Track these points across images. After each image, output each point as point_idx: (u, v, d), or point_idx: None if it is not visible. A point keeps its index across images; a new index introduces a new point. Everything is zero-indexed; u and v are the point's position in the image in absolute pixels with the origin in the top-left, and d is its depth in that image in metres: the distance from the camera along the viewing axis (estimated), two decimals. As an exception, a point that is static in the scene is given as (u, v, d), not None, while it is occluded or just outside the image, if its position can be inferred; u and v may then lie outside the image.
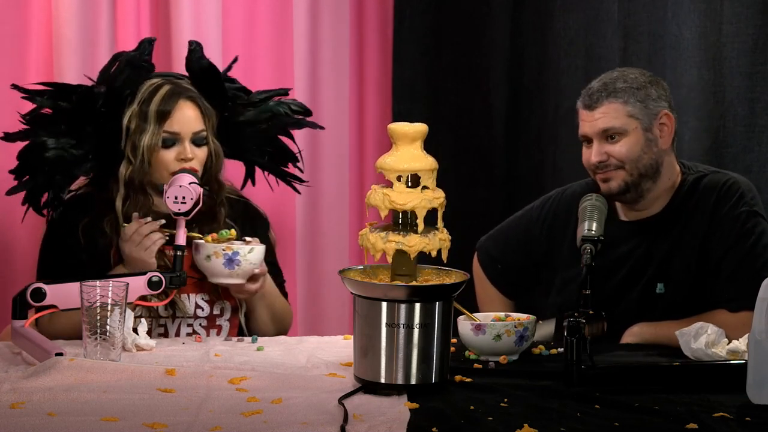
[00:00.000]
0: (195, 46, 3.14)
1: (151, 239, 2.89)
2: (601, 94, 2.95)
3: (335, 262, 3.89)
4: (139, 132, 2.97)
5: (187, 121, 3.00)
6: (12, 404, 2.23)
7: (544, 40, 3.94)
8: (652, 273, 2.97)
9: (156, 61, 3.23)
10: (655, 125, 2.96)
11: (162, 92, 3.00)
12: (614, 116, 2.93)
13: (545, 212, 3.17)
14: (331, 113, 3.94)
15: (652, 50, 3.83)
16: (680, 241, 2.96)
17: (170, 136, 2.98)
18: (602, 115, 2.94)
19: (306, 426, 2.11)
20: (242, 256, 2.85)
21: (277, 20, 3.88)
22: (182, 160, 2.98)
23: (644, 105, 2.94)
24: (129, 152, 2.98)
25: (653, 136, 2.96)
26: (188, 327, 3.01)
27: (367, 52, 4.00)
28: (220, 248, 2.83)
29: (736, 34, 3.76)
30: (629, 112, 2.94)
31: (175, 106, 2.99)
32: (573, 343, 2.41)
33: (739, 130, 3.78)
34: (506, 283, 3.24)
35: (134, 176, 2.98)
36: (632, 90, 2.94)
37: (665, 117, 2.97)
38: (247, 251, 2.85)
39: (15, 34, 3.60)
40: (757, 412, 2.27)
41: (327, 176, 3.95)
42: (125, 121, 2.99)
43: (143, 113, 2.98)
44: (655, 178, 2.97)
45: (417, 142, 2.39)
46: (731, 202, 2.93)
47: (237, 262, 2.85)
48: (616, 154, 2.94)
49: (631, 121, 2.94)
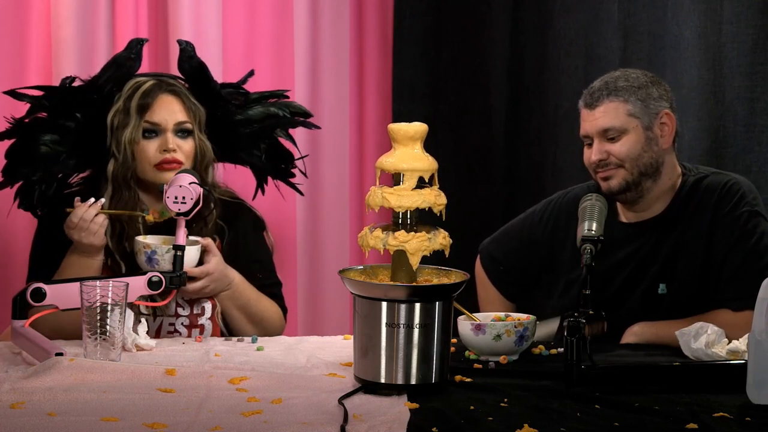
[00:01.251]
0: (185, 45, 3.14)
1: (97, 222, 2.89)
2: (602, 93, 2.96)
3: (335, 262, 3.89)
4: (122, 127, 2.98)
5: (169, 113, 3.00)
6: (12, 404, 2.23)
7: (544, 40, 3.94)
8: (654, 274, 2.97)
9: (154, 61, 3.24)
10: (655, 124, 2.96)
11: (144, 87, 3.01)
12: (614, 115, 2.94)
13: (547, 215, 3.17)
14: (331, 113, 3.94)
15: (652, 50, 3.83)
16: (682, 241, 2.96)
17: (151, 126, 2.99)
18: (603, 114, 2.95)
19: (306, 426, 2.11)
20: (160, 256, 2.83)
21: (277, 20, 3.88)
22: (165, 151, 2.98)
23: (645, 104, 2.94)
24: (114, 149, 3.00)
25: (653, 135, 2.95)
26: (170, 326, 3.00)
27: (367, 52, 4.00)
28: (142, 245, 2.83)
29: (736, 34, 3.76)
30: (629, 111, 2.94)
31: (156, 99, 3.00)
32: (573, 343, 2.41)
33: (739, 130, 3.78)
34: (508, 285, 3.24)
35: (118, 172, 2.99)
36: (633, 89, 2.94)
37: (666, 116, 2.97)
38: (164, 251, 2.84)
39: (14, 35, 3.61)
40: (757, 412, 2.27)
41: (327, 176, 3.95)
42: (109, 118, 3.00)
43: (126, 109, 3.00)
44: (655, 177, 2.97)
45: (417, 142, 2.39)
46: (732, 202, 2.93)
47: (156, 261, 2.84)
48: (616, 152, 2.94)
49: (631, 120, 2.94)
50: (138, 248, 2.85)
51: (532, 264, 3.19)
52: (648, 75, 3.01)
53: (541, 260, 3.17)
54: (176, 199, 2.79)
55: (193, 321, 3.02)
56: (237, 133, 3.17)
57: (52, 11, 3.61)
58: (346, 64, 3.97)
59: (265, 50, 3.87)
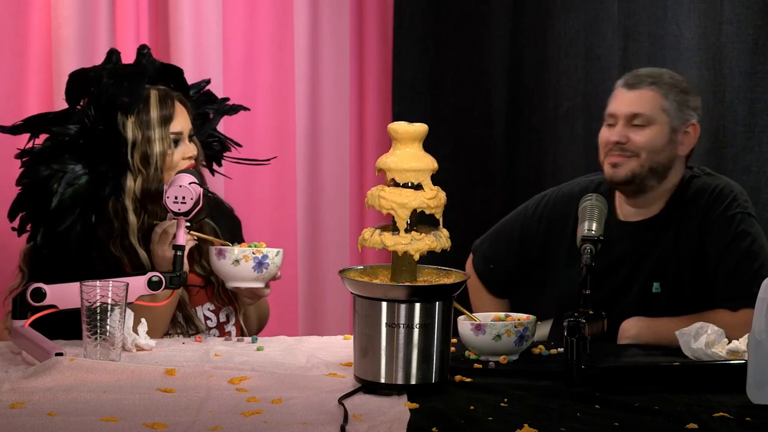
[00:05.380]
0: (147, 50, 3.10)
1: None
2: (646, 79, 3.01)
3: (335, 262, 3.89)
4: (147, 141, 2.95)
5: (185, 120, 3.00)
6: (12, 404, 2.23)
7: (544, 40, 3.94)
8: (649, 273, 2.99)
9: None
10: (681, 130, 3.00)
11: (154, 97, 2.97)
12: (651, 103, 2.98)
13: (541, 210, 3.18)
14: (331, 113, 3.94)
15: (652, 50, 3.84)
16: (674, 241, 2.98)
17: (176, 136, 2.98)
18: (638, 98, 2.99)
19: (306, 426, 2.11)
20: (270, 260, 2.84)
21: (277, 20, 3.88)
22: (188, 158, 2.99)
23: (680, 107, 2.99)
24: (139, 164, 2.94)
25: (676, 138, 2.99)
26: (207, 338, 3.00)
27: (367, 52, 4.00)
28: (249, 252, 2.83)
29: (736, 34, 3.76)
30: (664, 106, 2.98)
31: (174, 108, 2.98)
32: (573, 343, 2.41)
33: (739, 130, 3.78)
34: (498, 282, 3.24)
35: (148, 186, 2.94)
36: (676, 89, 3.00)
37: (692, 128, 3.02)
38: (274, 254, 2.85)
39: (14, 35, 3.61)
40: (757, 412, 2.27)
41: (327, 176, 3.95)
42: (129, 134, 2.93)
43: (144, 122, 2.95)
44: (661, 178, 3.00)
45: (417, 142, 2.39)
46: (724, 204, 2.96)
47: (266, 266, 2.84)
48: (637, 140, 2.97)
49: (663, 114, 2.98)
50: (238, 256, 2.82)
51: (525, 260, 3.20)
52: (691, 84, 3.05)
53: (534, 256, 3.18)
54: (176, 199, 2.79)
55: (221, 330, 3.06)
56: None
57: (52, 11, 3.61)
58: (346, 64, 3.97)
59: (265, 50, 3.87)
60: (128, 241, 2.93)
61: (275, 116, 3.89)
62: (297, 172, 3.92)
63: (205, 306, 3.05)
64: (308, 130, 3.82)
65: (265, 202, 3.78)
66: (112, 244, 2.92)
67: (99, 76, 2.98)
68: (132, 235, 2.93)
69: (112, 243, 2.93)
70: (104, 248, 2.92)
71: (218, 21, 3.79)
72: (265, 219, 3.85)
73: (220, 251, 2.84)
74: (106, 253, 2.92)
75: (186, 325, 2.98)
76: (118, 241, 2.93)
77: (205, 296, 3.05)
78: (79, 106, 2.99)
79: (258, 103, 3.83)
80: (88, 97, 2.98)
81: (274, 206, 3.85)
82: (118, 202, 2.93)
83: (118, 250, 2.92)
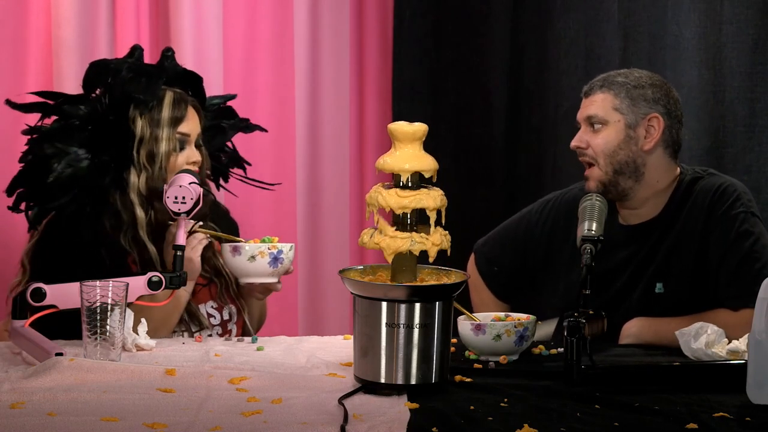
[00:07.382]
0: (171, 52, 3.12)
1: (197, 238, 2.91)
2: (597, 83, 3.03)
3: (335, 262, 3.89)
4: (155, 140, 2.96)
5: (195, 125, 3.02)
6: (12, 404, 2.23)
7: (544, 40, 3.94)
8: (652, 273, 2.98)
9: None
10: (641, 125, 2.98)
11: (168, 99, 2.99)
12: (601, 105, 2.99)
13: (545, 215, 3.17)
14: (331, 113, 3.94)
15: (652, 50, 3.83)
16: (677, 242, 2.97)
17: (182, 137, 2.99)
18: (591, 103, 3.01)
19: (306, 426, 2.11)
20: (285, 254, 2.85)
21: (277, 21, 3.88)
22: (192, 163, 2.99)
23: (633, 103, 2.97)
24: (144, 161, 2.96)
25: (635, 134, 2.98)
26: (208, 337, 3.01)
27: (367, 52, 4.00)
28: (265, 247, 2.84)
29: (736, 34, 3.76)
30: (615, 105, 2.98)
31: (186, 111, 2.99)
32: (573, 343, 2.41)
33: (739, 130, 3.78)
34: (502, 286, 3.24)
35: (153, 184, 2.96)
36: (627, 87, 2.98)
37: (655, 120, 2.98)
38: (288, 249, 2.86)
39: (14, 35, 3.61)
40: (757, 412, 2.27)
41: (327, 176, 3.95)
42: (138, 130, 2.96)
43: (155, 121, 2.97)
44: (636, 177, 2.98)
45: (417, 142, 2.39)
46: (728, 203, 2.95)
47: (281, 261, 2.85)
48: (593, 144, 2.98)
49: (615, 113, 2.98)
50: (254, 252, 2.83)
51: (528, 264, 3.20)
52: (654, 78, 3.03)
53: (537, 260, 3.17)
54: (176, 199, 2.79)
55: (224, 328, 3.07)
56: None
57: (52, 11, 3.61)
58: (346, 64, 3.97)
59: (265, 50, 3.87)
60: (137, 235, 2.94)
61: (275, 116, 3.89)
62: (297, 172, 3.92)
63: (207, 304, 3.05)
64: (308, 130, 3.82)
65: (265, 202, 3.78)
66: (122, 236, 2.94)
67: (119, 69, 3.02)
68: (141, 229, 2.94)
69: (122, 235, 2.94)
70: (113, 240, 2.94)
71: (218, 21, 3.79)
72: (265, 219, 3.86)
73: (235, 248, 2.85)
74: (115, 245, 2.94)
75: (190, 321, 2.99)
76: (128, 235, 2.95)
77: (208, 294, 3.05)
78: (94, 95, 3.01)
79: (258, 103, 3.83)
80: (105, 86, 3.00)
81: (274, 206, 3.85)
82: (125, 195, 2.95)
83: (128, 242, 2.95)
